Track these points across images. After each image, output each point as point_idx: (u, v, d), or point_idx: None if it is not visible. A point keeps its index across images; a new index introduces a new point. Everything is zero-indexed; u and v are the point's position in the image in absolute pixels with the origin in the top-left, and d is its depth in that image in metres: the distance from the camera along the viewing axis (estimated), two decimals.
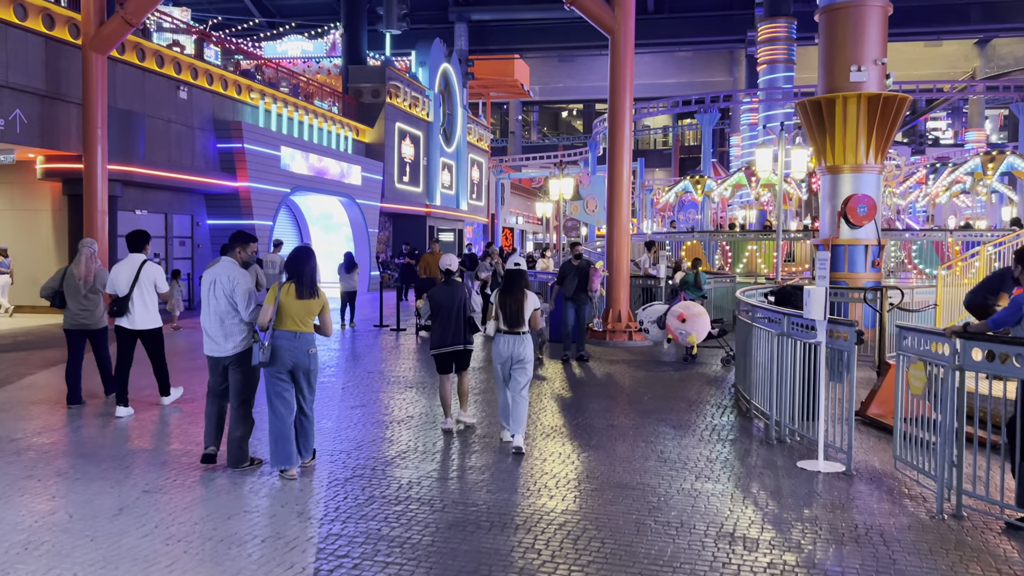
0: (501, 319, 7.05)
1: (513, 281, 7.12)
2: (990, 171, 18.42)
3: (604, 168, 27.45)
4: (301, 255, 6.09)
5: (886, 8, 14.82)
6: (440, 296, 7.50)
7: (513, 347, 6.98)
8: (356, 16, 31.46)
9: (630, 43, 14.04)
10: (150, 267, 8.15)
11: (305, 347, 5.95)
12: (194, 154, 20.84)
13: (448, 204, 36.91)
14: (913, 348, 5.78)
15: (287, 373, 5.94)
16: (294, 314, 5.92)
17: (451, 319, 7.44)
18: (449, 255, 8.00)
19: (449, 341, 7.48)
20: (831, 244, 15.04)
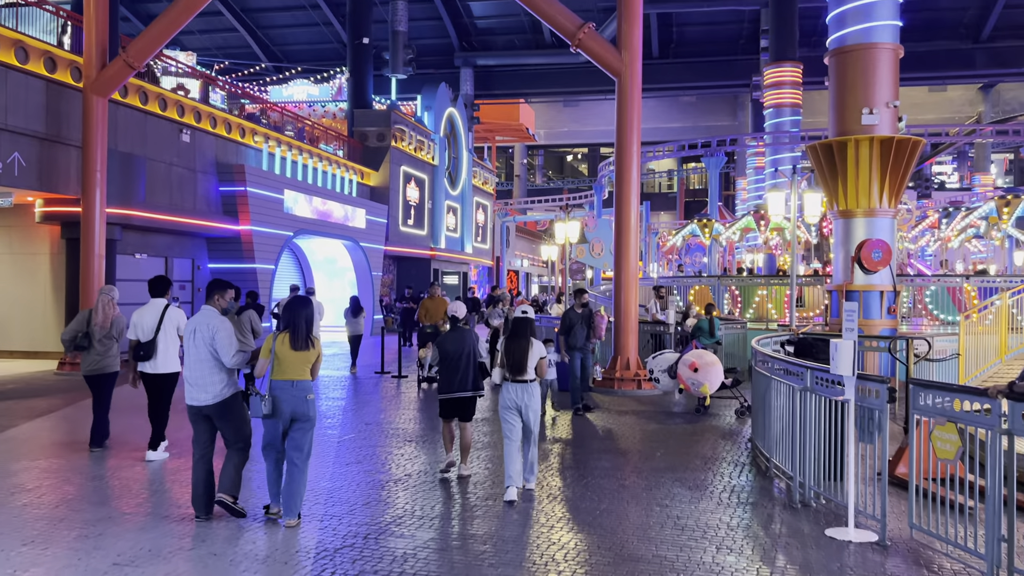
0: (507, 367, 7.00)
1: (519, 329, 7.09)
2: (1005, 215, 18.07)
3: (610, 211, 27.21)
4: (296, 305, 6.13)
5: (896, 50, 14.61)
6: (449, 344, 7.49)
7: (520, 396, 6.93)
8: (362, 61, 31.55)
9: (637, 86, 13.81)
10: (173, 311, 8.29)
11: (303, 394, 5.96)
12: (196, 197, 20.62)
13: (453, 247, 36.67)
14: (936, 408, 5.35)
15: (287, 421, 5.98)
16: (290, 364, 5.96)
17: (460, 366, 7.43)
18: (456, 303, 8.04)
19: (456, 387, 7.45)
20: (845, 290, 14.65)
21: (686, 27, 43.81)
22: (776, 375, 7.46)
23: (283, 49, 45.42)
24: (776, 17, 29.02)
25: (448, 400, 7.51)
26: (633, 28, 13.71)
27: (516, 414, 6.94)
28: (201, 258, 21.90)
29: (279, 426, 5.99)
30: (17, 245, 18.24)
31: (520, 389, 6.93)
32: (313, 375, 6.14)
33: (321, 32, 44.33)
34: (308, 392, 6.01)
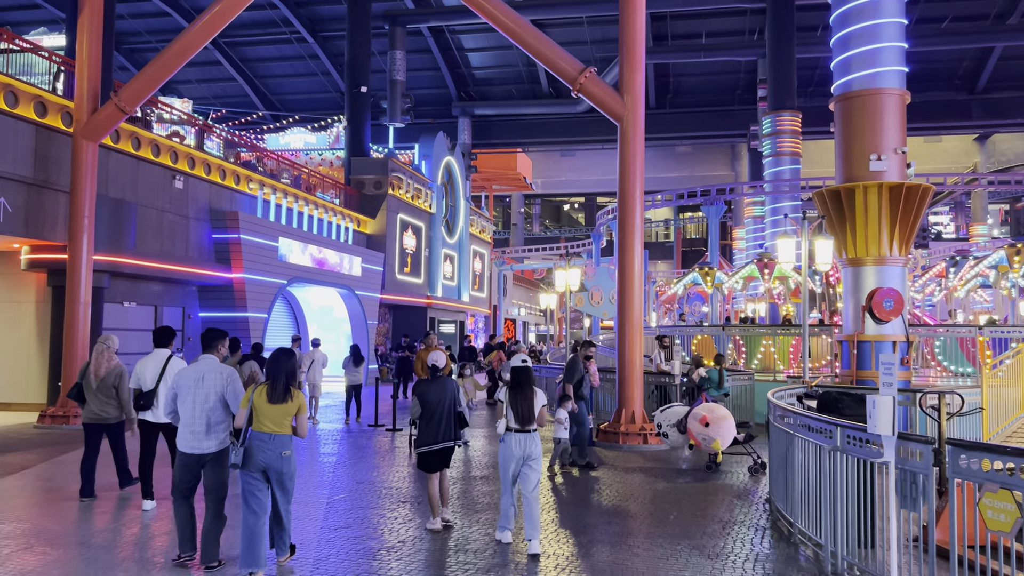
0: (511, 417, 6.99)
1: (522, 378, 7.12)
2: (1016, 264, 17.71)
3: (608, 259, 26.83)
4: (278, 357, 6.10)
5: (903, 96, 14.37)
6: (429, 393, 7.42)
7: (525, 445, 6.94)
8: (360, 109, 31.48)
9: (640, 131, 13.50)
10: (176, 361, 8.33)
11: (279, 449, 5.87)
12: (188, 244, 20.21)
13: (450, 295, 36.23)
14: (981, 472, 4.82)
15: (260, 474, 5.89)
16: (268, 416, 5.88)
17: (442, 416, 7.38)
18: (436, 352, 7.90)
19: (440, 438, 7.39)
20: (856, 340, 14.17)
21: (683, 77, 44.09)
22: (799, 432, 6.93)
23: (281, 98, 45.59)
24: (774, 66, 29.08)
25: (431, 452, 7.40)
26: (635, 72, 13.45)
27: (520, 464, 6.96)
28: (192, 307, 21.39)
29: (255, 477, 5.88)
30: (2, 292, 17.73)
31: (525, 439, 6.96)
32: (300, 430, 6.02)
33: (319, 82, 44.54)
34: (285, 448, 5.90)
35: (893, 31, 14.30)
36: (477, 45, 41.86)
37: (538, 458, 7.01)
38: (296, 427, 5.99)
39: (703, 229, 69.30)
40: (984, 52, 37.98)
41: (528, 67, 42.96)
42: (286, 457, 5.89)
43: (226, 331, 6.90)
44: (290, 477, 5.98)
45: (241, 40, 42.09)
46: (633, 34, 13.45)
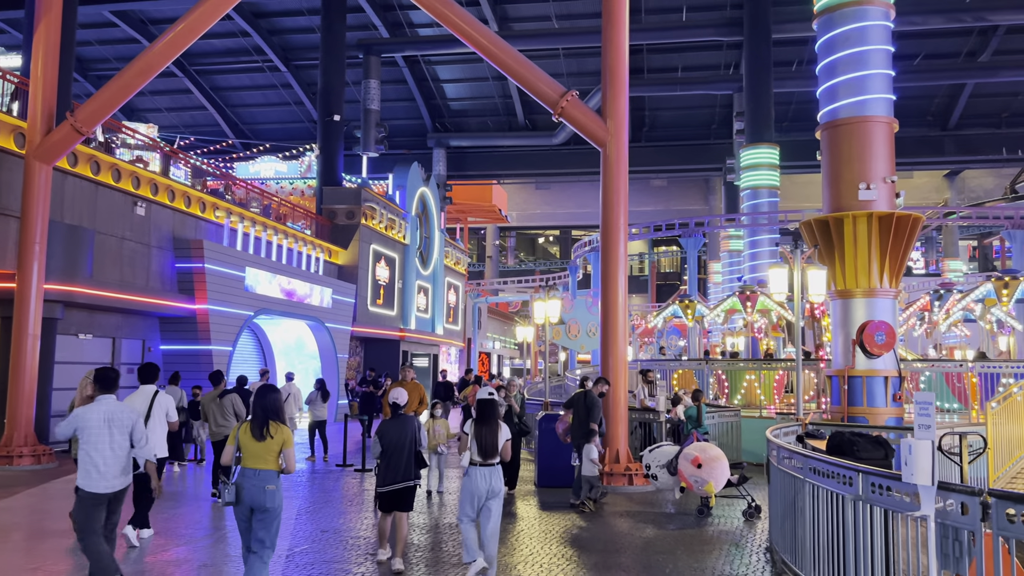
0: (475, 450, 6.91)
1: (489, 412, 7.05)
2: (1005, 297, 17.38)
3: (585, 292, 26.32)
4: (261, 393, 6.09)
5: (891, 124, 14.02)
6: (391, 432, 7.34)
7: (489, 479, 6.87)
8: (333, 137, 30.86)
9: (623, 157, 12.99)
10: (163, 397, 8.45)
11: (262, 484, 5.84)
12: (149, 273, 19.33)
13: (423, 328, 35.42)
14: None
15: (248, 511, 5.87)
16: (253, 452, 5.89)
17: (403, 455, 7.29)
18: (398, 389, 7.81)
19: (400, 478, 7.30)
20: (847, 376, 13.63)
21: (659, 111, 44.08)
22: (809, 476, 6.28)
23: (253, 128, 44.90)
24: (751, 99, 28.97)
25: (391, 492, 7.32)
26: (618, 97, 12.97)
27: (481, 500, 6.87)
28: (153, 339, 20.43)
29: (245, 516, 5.88)
30: None
31: (489, 473, 6.89)
32: (288, 466, 5.98)
33: (292, 111, 43.95)
34: (268, 483, 5.86)
35: (880, 58, 13.99)
36: (453, 76, 41.58)
37: (500, 494, 6.94)
38: (284, 462, 5.96)
39: (677, 263, 69.24)
40: (956, 89, 38.35)
41: (504, 99, 42.73)
42: (270, 492, 5.84)
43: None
44: (274, 515, 5.90)
45: (212, 68, 41.46)
46: (616, 57, 13.00)
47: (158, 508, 9.42)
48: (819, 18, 14.66)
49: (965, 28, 33.79)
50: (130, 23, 36.47)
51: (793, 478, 6.77)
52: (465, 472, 6.99)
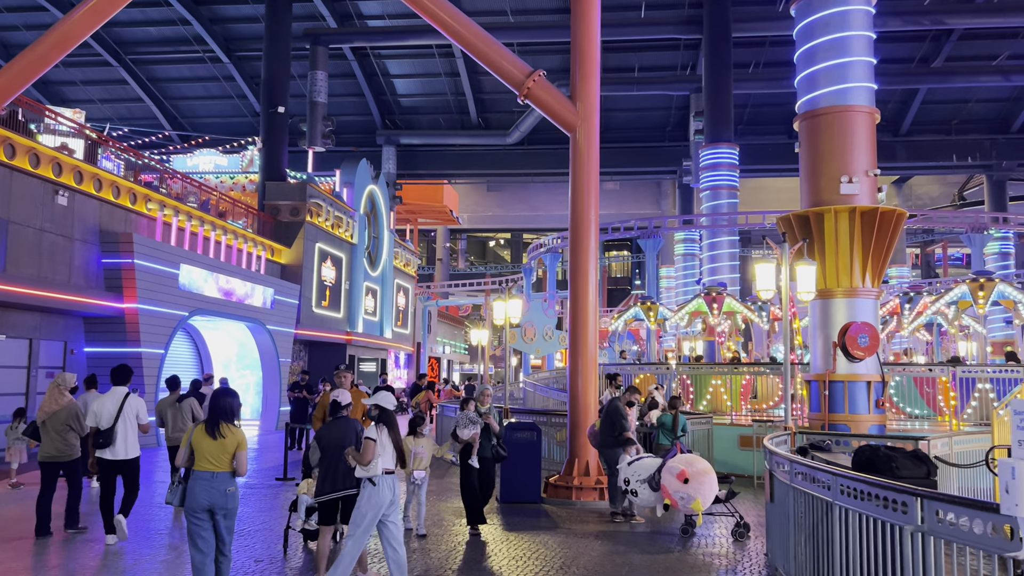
0: (388, 458, 6.40)
1: (392, 419, 6.56)
2: (981, 299, 16.89)
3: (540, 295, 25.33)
4: (217, 396, 6.14)
5: (873, 114, 13.30)
6: (330, 435, 6.94)
7: (395, 489, 6.45)
8: (277, 130, 29.31)
9: (594, 143, 11.99)
10: (133, 399, 8.58)
11: (222, 487, 5.86)
12: (71, 269, 17.69)
13: (371, 331, 34.00)
14: None
15: (206, 513, 5.84)
16: (209, 454, 5.88)
17: (341, 460, 6.78)
18: (341, 390, 7.53)
19: (340, 485, 6.84)
20: (827, 380, 12.84)
21: (613, 112, 43.34)
22: (841, 499, 5.29)
23: (193, 122, 42.93)
24: (711, 98, 28.36)
25: (331, 501, 6.90)
26: (589, 78, 11.97)
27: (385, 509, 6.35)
28: (76, 340, 18.76)
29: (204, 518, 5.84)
30: None
31: (394, 482, 6.44)
32: (240, 468, 5.96)
33: (235, 105, 42.11)
34: (228, 485, 5.91)
35: (861, 45, 13.30)
36: (403, 71, 40.28)
37: (399, 503, 6.55)
38: (236, 464, 5.94)
39: (628, 268, 68.92)
40: (909, 95, 38.42)
41: (457, 96, 41.57)
42: (231, 493, 5.92)
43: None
44: (234, 513, 6.02)
45: (149, 57, 39.42)
46: (587, 35, 12.00)
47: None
48: (797, 2, 13.92)
49: (920, 33, 33.77)
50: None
51: (812, 498, 5.79)
52: (372, 482, 6.31)
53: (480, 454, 9.37)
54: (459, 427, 9.41)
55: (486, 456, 9.46)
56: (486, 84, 40.80)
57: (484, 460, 9.40)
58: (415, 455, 8.84)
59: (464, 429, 9.34)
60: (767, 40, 35.27)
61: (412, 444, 8.85)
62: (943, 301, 17.99)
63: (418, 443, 9.00)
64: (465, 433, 9.33)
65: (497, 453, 9.66)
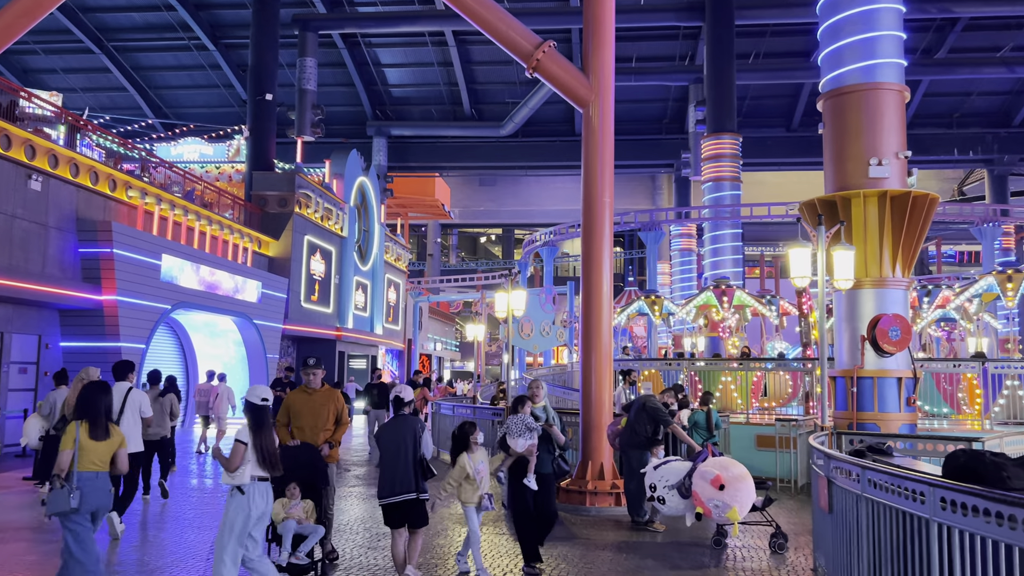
0: (256, 462, 5.73)
1: (265, 417, 5.95)
2: (1010, 291, 16.10)
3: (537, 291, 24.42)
4: (93, 391, 5.85)
5: (903, 92, 12.48)
6: (388, 434, 6.58)
7: (269, 499, 5.86)
8: (264, 118, 28.28)
9: (608, 119, 11.11)
10: (135, 394, 8.71)
11: (106, 487, 5.72)
12: (46, 258, 16.68)
13: (361, 327, 33.02)
14: None
15: (90, 516, 5.60)
16: (95, 454, 5.62)
17: (399, 461, 6.44)
18: (402, 384, 7.21)
19: (398, 489, 6.43)
20: (855, 376, 12.01)
21: None
22: (942, 517, 4.42)
23: (178, 112, 41.77)
24: (713, 87, 27.51)
25: (390, 504, 6.46)
26: (603, 48, 11.08)
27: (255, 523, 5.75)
28: (51, 334, 17.77)
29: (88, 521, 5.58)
30: None
31: (267, 490, 5.80)
32: (120, 466, 5.78)
33: (221, 95, 41.00)
34: (109, 485, 5.77)
35: (891, 18, 12.49)
36: (395, 60, 39.27)
37: (268, 517, 5.93)
38: (118, 463, 5.77)
39: (621, 264, 68.17)
40: (911, 87, 37.67)
41: (449, 86, 40.61)
42: (111, 493, 5.83)
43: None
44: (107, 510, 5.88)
45: (133, 44, 38.24)
46: (601, 1, 11.10)
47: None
48: None
49: (924, 23, 33.04)
50: None
51: (896, 512, 4.93)
52: (239, 490, 5.68)
53: (540, 470, 7.37)
54: (510, 435, 7.34)
55: (545, 473, 7.49)
56: (480, 74, 39.87)
57: (543, 479, 7.41)
58: (476, 475, 6.98)
59: (517, 438, 7.27)
60: (768, 30, 34.50)
61: (468, 462, 6.98)
62: (968, 294, 17.20)
63: (475, 458, 7.06)
64: (519, 444, 7.26)
65: (559, 468, 7.71)
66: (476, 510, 6.97)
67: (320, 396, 7.31)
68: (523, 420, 7.36)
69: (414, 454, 6.45)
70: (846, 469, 5.77)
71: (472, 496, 6.95)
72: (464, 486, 6.95)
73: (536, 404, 7.74)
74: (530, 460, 7.28)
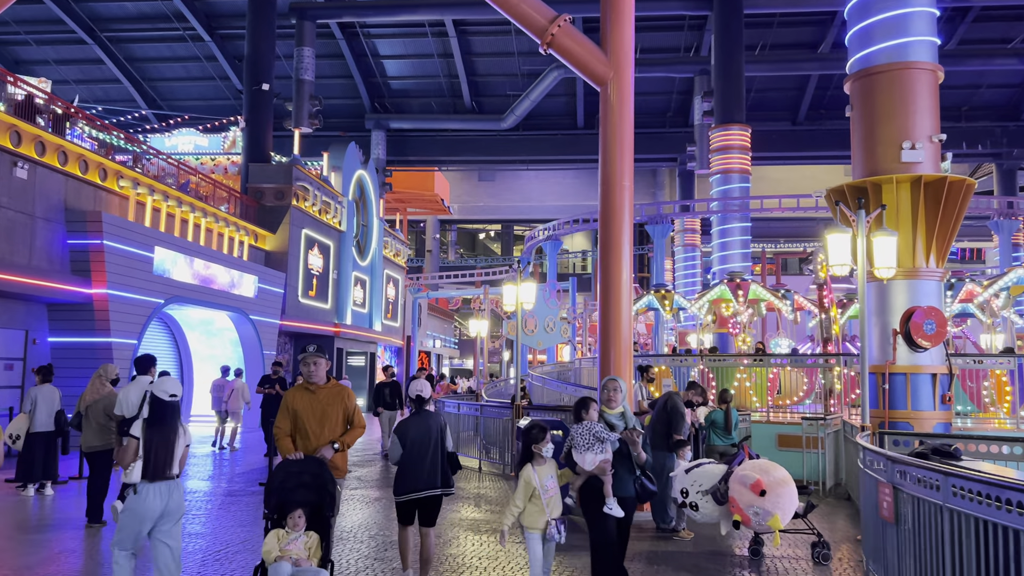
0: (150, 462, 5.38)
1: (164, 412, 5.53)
2: None
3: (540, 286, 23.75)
4: None
5: (936, 72, 11.81)
6: (412, 430, 6.30)
7: (170, 498, 5.38)
8: (261, 109, 27.55)
9: (628, 98, 10.46)
10: None
11: None
12: (32, 250, 15.98)
13: (360, 323, 32.32)
14: None
15: None
16: None
17: (426, 457, 6.24)
18: (420, 381, 6.96)
19: (423, 484, 6.22)
20: (887, 373, 11.35)
21: None
22: None
23: (173, 104, 40.96)
24: (722, 76, 26.83)
25: (410, 502, 6.25)
26: (622, 23, 10.41)
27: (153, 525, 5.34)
28: (39, 329, 17.06)
29: None
30: None
31: (167, 489, 5.36)
32: None
33: (217, 87, 40.27)
34: None
35: None
36: (394, 52, 38.53)
37: (182, 513, 5.49)
38: None
39: None
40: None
41: (450, 78, 39.88)
42: None
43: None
44: None
45: (127, 36, 37.47)
46: None
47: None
48: None
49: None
50: None
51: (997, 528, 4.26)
52: (133, 492, 5.33)
53: (618, 493, 5.75)
54: (576, 448, 5.75)
55: (627, 496, 5.88)
56: (480, 66, 39.16)
57: (625, 503, 5.85)
58: (544, 492, 5.66)
59: (585, 452, 5.69)
60: (775, 20, 33.83)
61: (534, 477, 5.66)
62: (996, 287, 16.56)
63: (543, 473, 5.72)
64: (587, 459, 5.67)
65: (643, 488, 5.97)
66: (541, 539, 5.65)
67: (326, 394, 5.90)
68: (591, 429, 5.75)
69: (442, 449, 6.32)
70: (922, 476, 5.10)
71: (537, 520, 5.60)
72: (528, 507, 5.64)
73: (611, 410, 6.07)
74: (604, 480, 5.67)
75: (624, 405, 6.14)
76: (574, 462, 5.75)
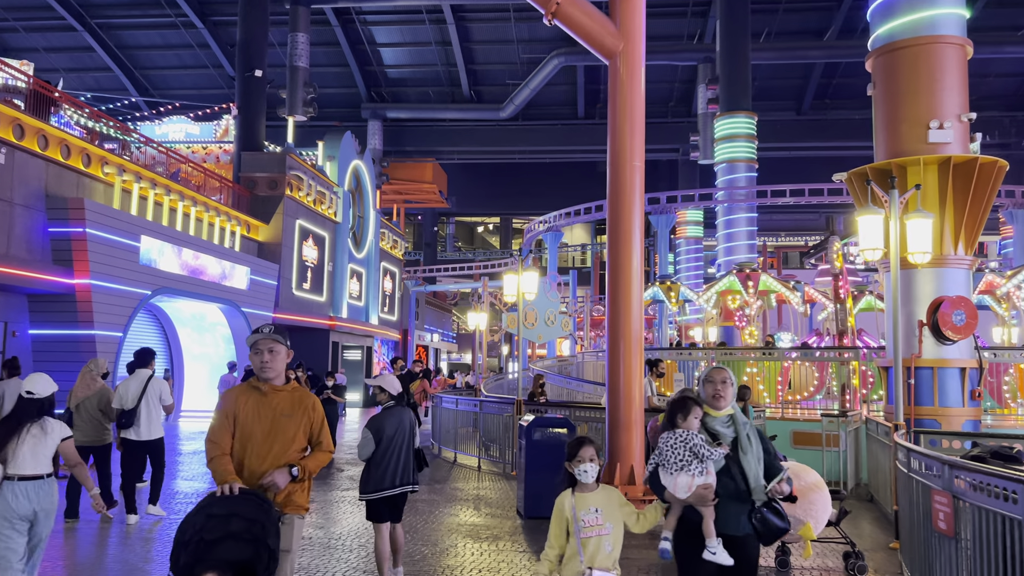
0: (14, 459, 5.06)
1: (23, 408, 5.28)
2: None
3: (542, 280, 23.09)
4: None
5: (965, 47, 11.13)
6: (392, 426, 6.25)
7: (40, 500, 5.05)
8: (254, 96, 26.81)
9: (638, 72, 9.74)
10: (156, 382, 8.82)
11: None
12: (11, 238, 15.29)
13: (356, 317, 31.63)
14: None
15: None
16: None
17: (402, 452, 6.23)
18: (387, 375, 6.59)
19: (397, 481, 6.19)
20: (912, 367, 10.68)
21: None
22: None
23: (165, 93, 40.18)
24: (727, 62, 26.12)
25: (382, 499, 6.19)
26: None
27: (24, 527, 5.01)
28: (19, 321, 16.36)
29: None
30: None
31: (37, 488, 5.07)
32: None
33: (210, 76, 39.50)
34: None
35: None
36: (391, 39, 37.78)
37: (53, 514, 5.19)
38: None
39: None
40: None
41: (448, 67, 39.14)
42: None
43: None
44: None
45: (118, 23, 36.70)
46: None
47: None
48: None
49: None
50: None
51: None
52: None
53: (726, 531, 3.95)
54: (665, 468, 4.03)
55: (740, 536, 4.01)
56: (479, 54, 38.42)
57: (738, 544, 4.00)
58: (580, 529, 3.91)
59: (677, 473, 3.96)
60: (780, 7, 33.11)
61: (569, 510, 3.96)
62: (1020, 278, 15.89)
63: (585, 503, 3.98)
64: (680, 483, 3.94)
65: (767, 523, 4.02)
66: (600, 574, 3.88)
67: (282, 399, 4.13)
68: (686, 441, 3.96)
69: (411, 445, 6.37)
70: (992, 485, 4.42)
71: (572, 571, 3.92)
72: (568, 550, 3.96)
73: (717, 412, 4.12)
74: (704, 512, 3.91)
75: (733, 405, 4.18)
76: (662, 487, 4.01)
